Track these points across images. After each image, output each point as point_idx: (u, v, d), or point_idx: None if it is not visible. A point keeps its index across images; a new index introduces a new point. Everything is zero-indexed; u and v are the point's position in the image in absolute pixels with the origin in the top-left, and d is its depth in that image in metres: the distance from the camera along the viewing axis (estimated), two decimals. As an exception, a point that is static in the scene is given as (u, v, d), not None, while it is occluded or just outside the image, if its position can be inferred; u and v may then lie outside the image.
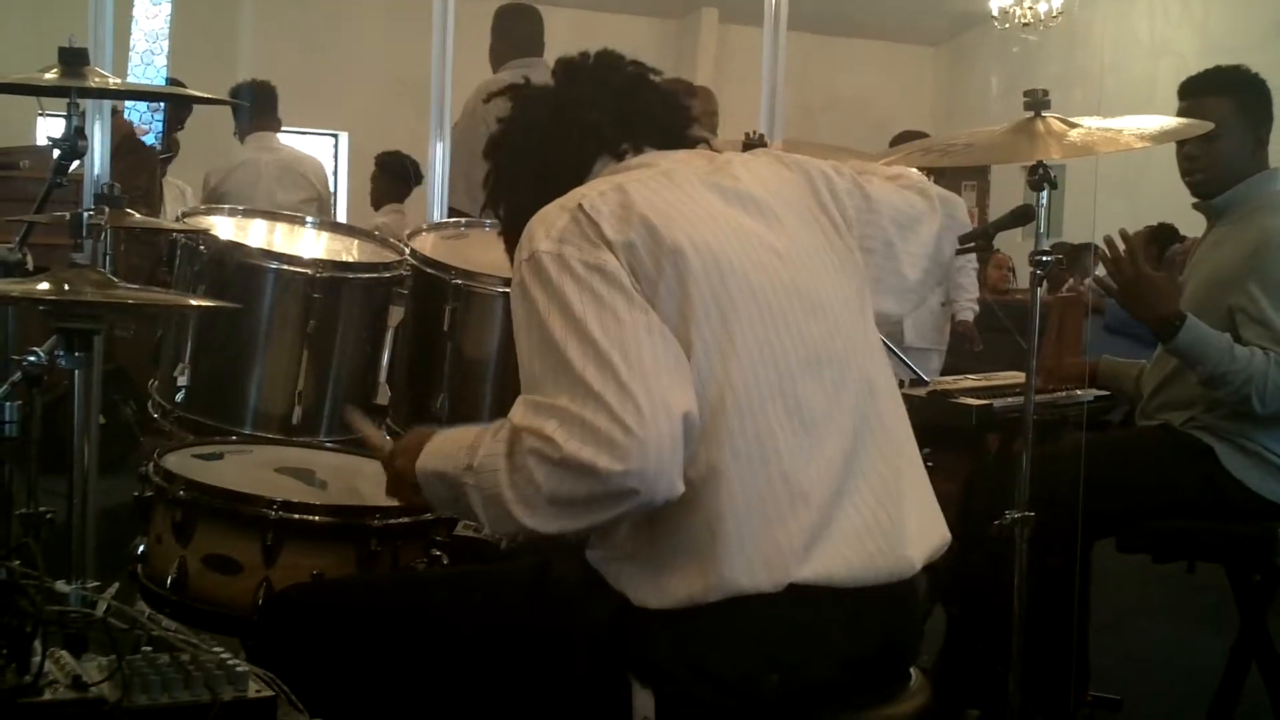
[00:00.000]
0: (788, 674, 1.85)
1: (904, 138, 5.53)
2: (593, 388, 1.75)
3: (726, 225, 1.92)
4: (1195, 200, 3.58)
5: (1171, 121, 3.21)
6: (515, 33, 5.57)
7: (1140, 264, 3.29)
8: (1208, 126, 3.18)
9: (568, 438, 1.74)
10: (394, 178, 7.85)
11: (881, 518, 1.92)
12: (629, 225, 1.86)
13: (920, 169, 3.03)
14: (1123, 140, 3.06)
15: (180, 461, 2.53)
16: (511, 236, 2.06)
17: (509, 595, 1.96)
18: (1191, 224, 3.73)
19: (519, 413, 1.81)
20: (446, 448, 1.94)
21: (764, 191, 2.01)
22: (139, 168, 6.18)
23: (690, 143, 2.14)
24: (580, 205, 1.88)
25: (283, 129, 7.02)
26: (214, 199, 6.32)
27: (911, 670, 2.06)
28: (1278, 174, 3.51)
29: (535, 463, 1.76)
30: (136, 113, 7.39)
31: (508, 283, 2.69)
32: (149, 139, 7.25)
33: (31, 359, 2.03)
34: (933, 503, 2.06)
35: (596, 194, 1.91)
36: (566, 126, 2.09)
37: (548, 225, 1.89)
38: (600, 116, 2.09)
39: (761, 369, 1.87)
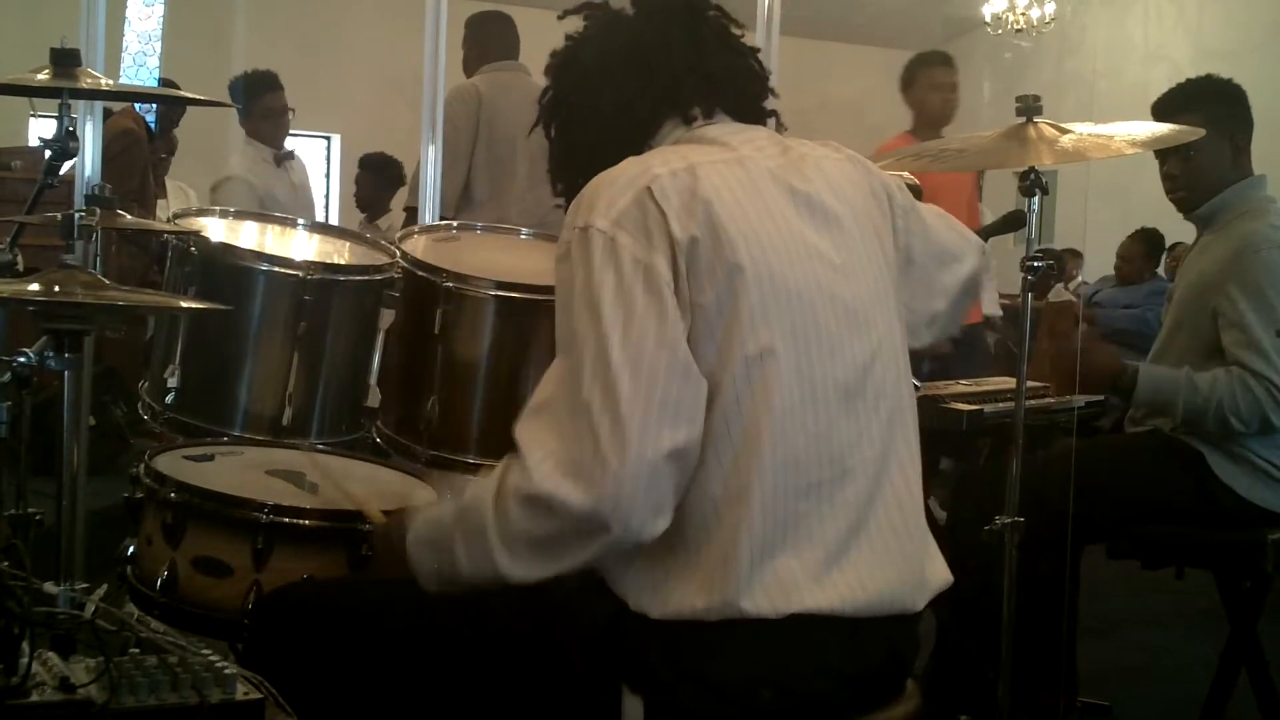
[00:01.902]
0: (783, 690, 1.84)
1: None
2: (590, 409, 1.75)
3: (790, 234, 1.89)
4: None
5: (1163, 128, 3.22)
6: (488, 39, 5.56)
7: (1072, 339, 3.32)
8: (1199, 133, 3.19)
9: (544, 472, 1.76)
10: (385, 178, 7.85)
11: (895, 555, 1.91)
12: (694, 218, 1.82)
13: (912, 174, 3.04)
14: (1114, 146, 3.06)
15: (171, 463, 2.52)
16: (559, 171, 2.09)
17: (500, 599, 1.95)
18: (1181, 230, 3.74)
19: (523, 421, 1.83)
20: (440, 505, 2.01)
21: (833, 198, 1.97)
22: (132, 168, 6.17)
23: (763, 116, 2.11)
24: (649, 189, 1.83)
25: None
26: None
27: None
28: (1262, 180, 3.52)
29: (514, 500, 1.79)
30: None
31: (500, 285, 2.72)
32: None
33: (21, 360, 2.03)
34: (929, 535, 2.03)
35: (668, 173, 1.85)
36: (646, 70, 2.03)
37: (610, 199, 1.84)
38: (682, 72, 2.03)
39: (800, 395, 1.84)
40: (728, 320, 1.81)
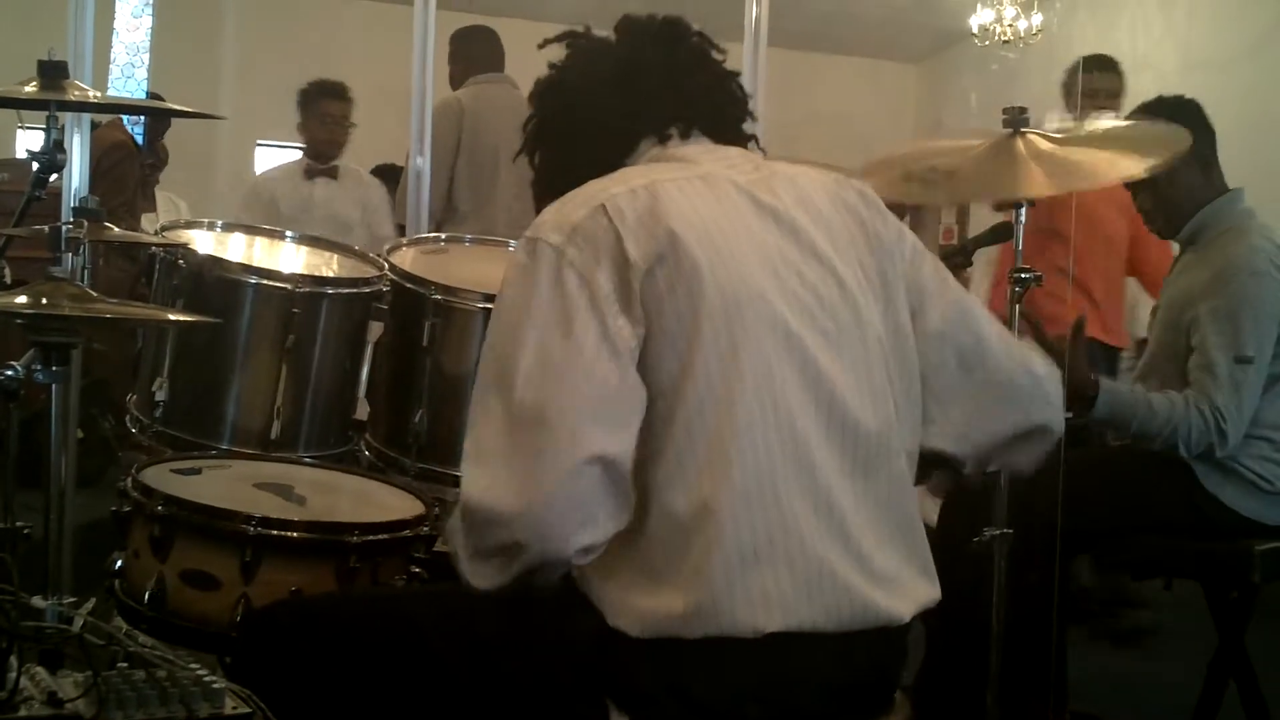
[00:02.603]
0: (769, 705, 1.83)
1: None
2: (511, 429, 1.77)
3: (755, 245, 1.87)
4: None
5: (1150, 137, 3.21)
6: (473, 53, 5.58)
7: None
8: (1186, 140, 3.17)
9: (469, 484, 1.80)
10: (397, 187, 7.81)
11: (879, 568, 1.87)
12: (653, 236, 1.81)
13: (898, 200, 3.01)
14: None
15: (158, 476, 2.52)
16: (541, 192, 2.07)
17: (488, 614, 1.94)
18: (1164, 241, 3.73)
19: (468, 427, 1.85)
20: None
21: (802, 211, 1.94)
22: (126, 181, 6.16)
23: (743, 139, 2.11)
24: (604, 206, 1.83)
25: (264, 143, 6.98)
26: None
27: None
28: (1239, 194, 3.49)
29: (460, 511, 1.82)
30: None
31: (488, 298, 2.72)
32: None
33: (9, 373, 2.03)
34: (927, 552, 1.99)
35: (625, 191, 1.85)
36: (624, 90, 2.04)
37: (564, 215, 1.85)
38: (659, 90, 2.04)
39: (768, 404, 1.81)
40: (688, 335, 1.80)
